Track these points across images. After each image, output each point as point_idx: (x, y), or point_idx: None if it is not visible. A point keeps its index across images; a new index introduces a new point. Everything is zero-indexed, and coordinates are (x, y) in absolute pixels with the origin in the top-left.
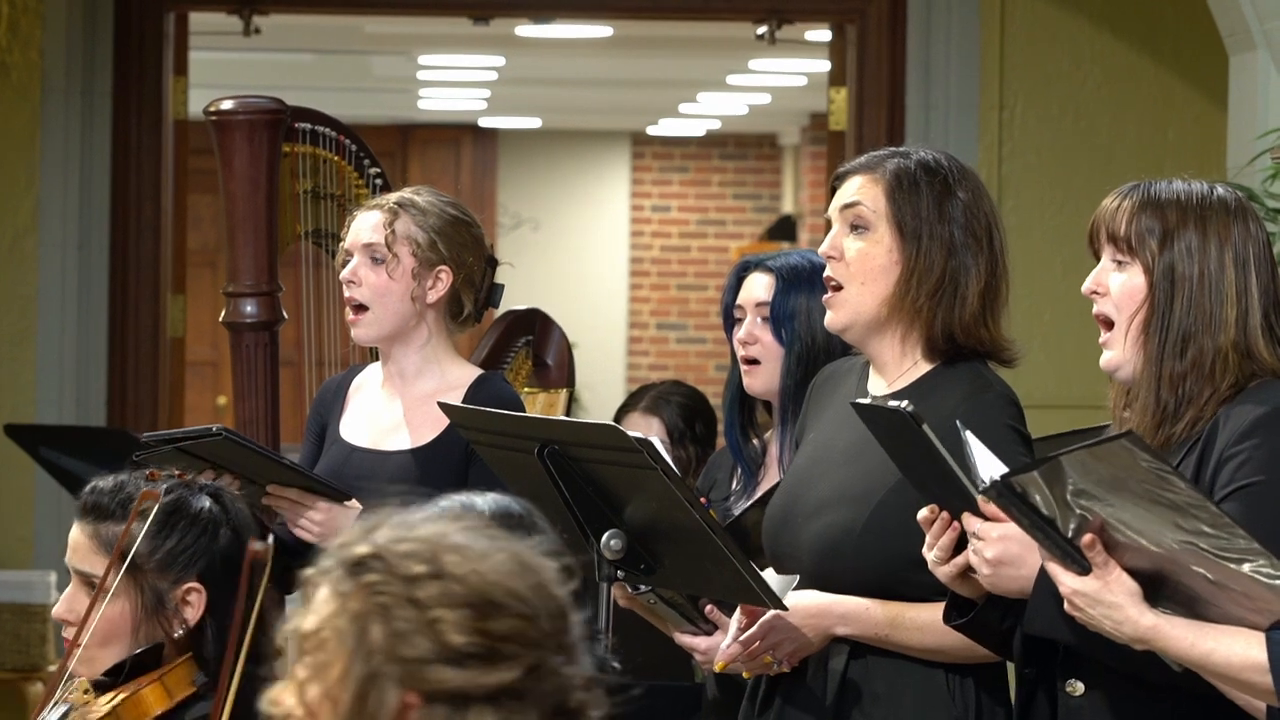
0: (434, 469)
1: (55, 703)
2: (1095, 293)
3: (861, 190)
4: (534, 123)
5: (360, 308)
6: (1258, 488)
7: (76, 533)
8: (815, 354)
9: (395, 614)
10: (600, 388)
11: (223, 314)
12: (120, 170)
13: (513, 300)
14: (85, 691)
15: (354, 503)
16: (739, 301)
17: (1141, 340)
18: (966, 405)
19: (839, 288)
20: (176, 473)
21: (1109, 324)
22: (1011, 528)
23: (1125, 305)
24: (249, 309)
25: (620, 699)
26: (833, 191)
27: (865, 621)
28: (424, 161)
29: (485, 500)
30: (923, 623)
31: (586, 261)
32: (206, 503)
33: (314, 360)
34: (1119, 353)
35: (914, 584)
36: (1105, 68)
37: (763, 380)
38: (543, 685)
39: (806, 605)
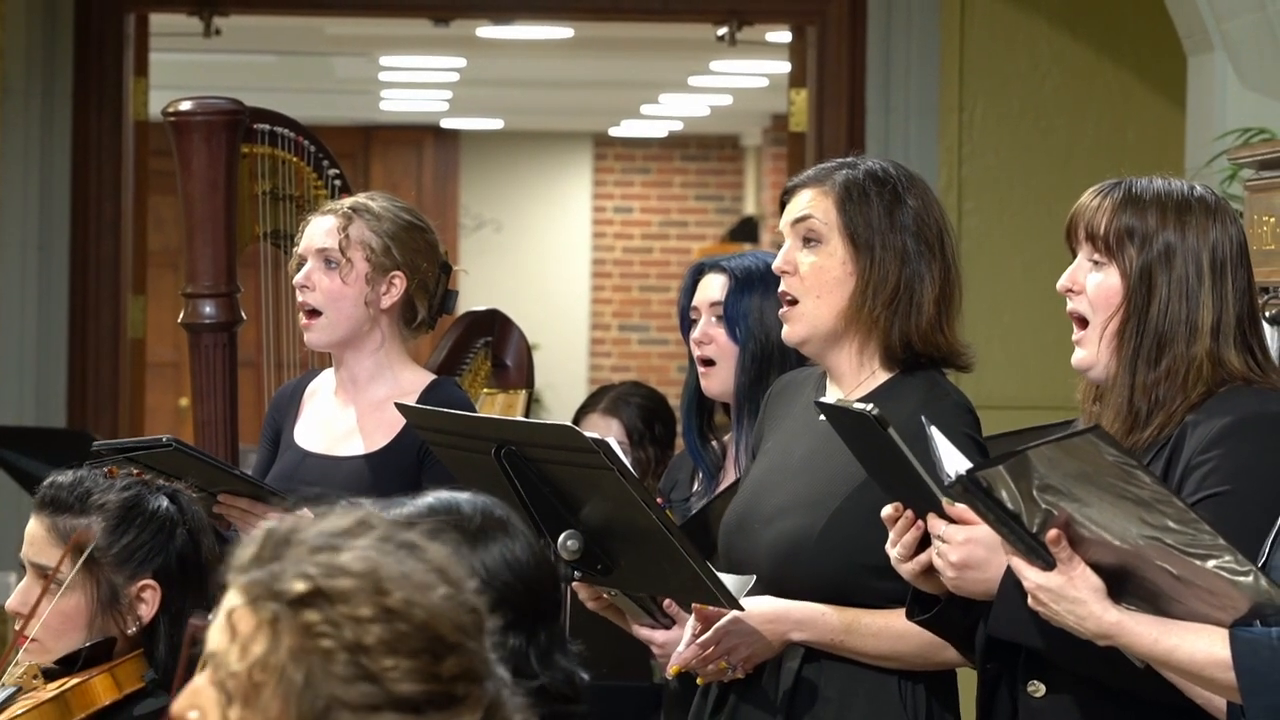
0: (387, 474)
1: (2, 685)
2: (1070, 290)
3: (812, 203)
4: (496, 124)
5: (314, 313)
6: (1224, 497)
7: (34, 525)
8: (769, 353)
9: (338, 658)
10: (563, 389)
11: (181, 315)
12: (80, 171)
13: (475, 301)
14: (34, 677)
15: (306, 511)
16: (694, 303)
17: (1116, 344)
18: (923, 414)
19: (794, 302)
20: (135, 471)
21: (1083, 322)
22: (977, 531)
23: (1101, 306)
24: (207, 310)
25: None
26: (782, 205)
27: (820, 627)
28: (386, 163)
29: (471, 501)
30: (877, 629)
31: (549, 263)
32: (164, 502)
33: (273, 361)
34: (1091, 352)
35: (870, 590)
36: (1064, 69)
37: (719, 381)
38: (496, 718)
39: (762, 610)
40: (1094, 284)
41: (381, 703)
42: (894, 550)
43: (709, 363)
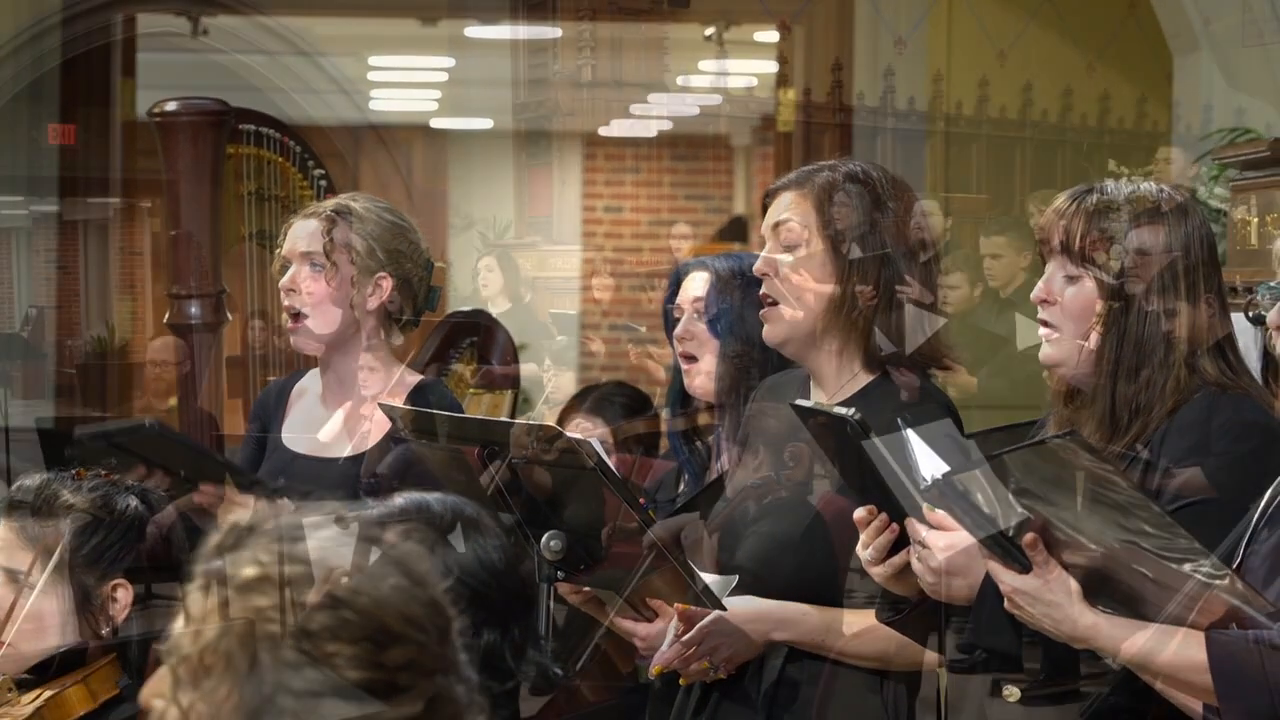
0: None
1: None
2: (1045, 301)
3: (791, 207)
4: (485, 124)
5: (299, 316)
6: (1200, 505)
7: (2, 530)
8: (750, 350)
9: (285, 644)
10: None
11: (167, 315)
12: (67, 172)
13: (463, 302)
14: (9, 690)
15: (285, 501)
16: (678, 301)
17: (1095, 357)
18: (904, 415)
19: (774, 303)
20: (103, 472)
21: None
22: (958, 538)
23: (1078, 317)
24: (193, 310)
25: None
26: (764, 209)
27: (802, 627)
28: (375, 163)
29: (441, 500)
30: (858, 630)
31: (538, 263)
32: (133, 501)
33: (259, 361)
34: (1059, 350)
35: (851, 592)
36: (1051, 68)
37: (701, 378)
38: (443, 712)
39: (744, 610)
40: (1069, 295)
41: (325, 689)
42: (866, 553)
43: (691, 359)
